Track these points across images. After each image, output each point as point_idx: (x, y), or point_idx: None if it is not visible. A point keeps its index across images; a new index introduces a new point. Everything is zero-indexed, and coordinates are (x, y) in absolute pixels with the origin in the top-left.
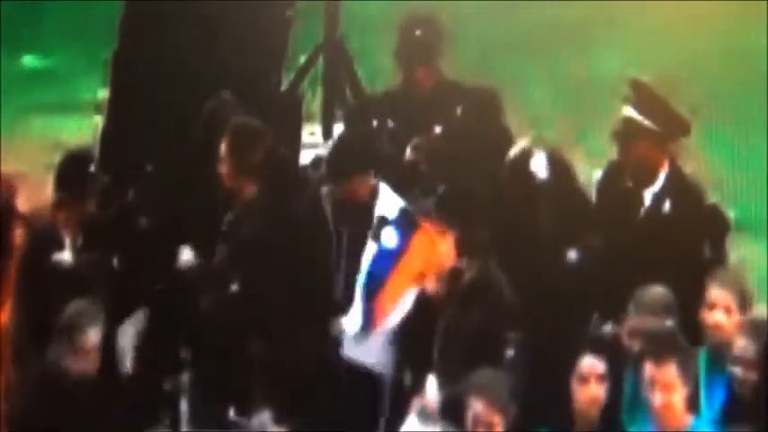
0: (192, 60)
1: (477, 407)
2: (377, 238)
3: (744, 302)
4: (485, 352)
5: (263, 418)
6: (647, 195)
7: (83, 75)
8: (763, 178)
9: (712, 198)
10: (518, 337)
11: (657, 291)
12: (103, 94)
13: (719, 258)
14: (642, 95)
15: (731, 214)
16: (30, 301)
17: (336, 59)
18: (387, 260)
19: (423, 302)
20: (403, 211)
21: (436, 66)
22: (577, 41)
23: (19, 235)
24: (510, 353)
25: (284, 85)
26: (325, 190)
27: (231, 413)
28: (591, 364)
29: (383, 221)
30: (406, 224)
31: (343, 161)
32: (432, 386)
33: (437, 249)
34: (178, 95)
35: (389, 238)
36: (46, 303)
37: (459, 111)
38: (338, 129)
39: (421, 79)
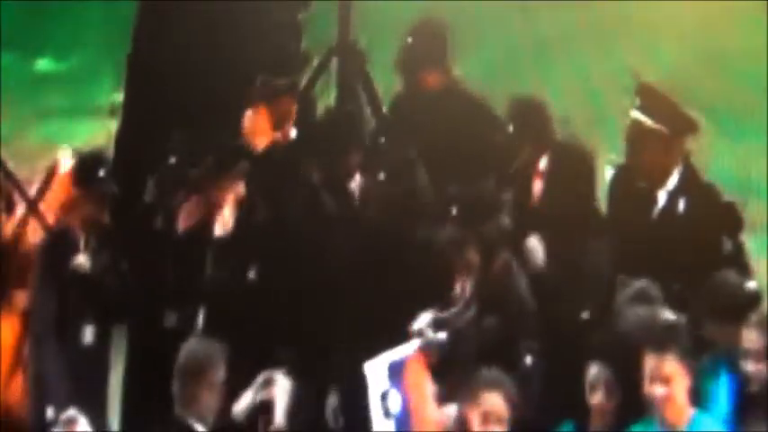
0: (206, 62)
1: (488, 400)
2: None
3: None
4: (501, 359)
5: None
6: (661, 195)
7: (97, 78)
8: (763, 177)
9: (726, 196)
10: (536, 344)
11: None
12: (118, 97)
13: (737, 256)
14: (648, 98)
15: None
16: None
17: (350, 62)
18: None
19: None
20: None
21: (444, 69)
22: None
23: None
24: (528, 361)
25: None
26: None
27: None
28: (596, 374)
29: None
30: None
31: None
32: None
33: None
34: (193, 98)
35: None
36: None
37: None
38: None
39: (428, 82)
